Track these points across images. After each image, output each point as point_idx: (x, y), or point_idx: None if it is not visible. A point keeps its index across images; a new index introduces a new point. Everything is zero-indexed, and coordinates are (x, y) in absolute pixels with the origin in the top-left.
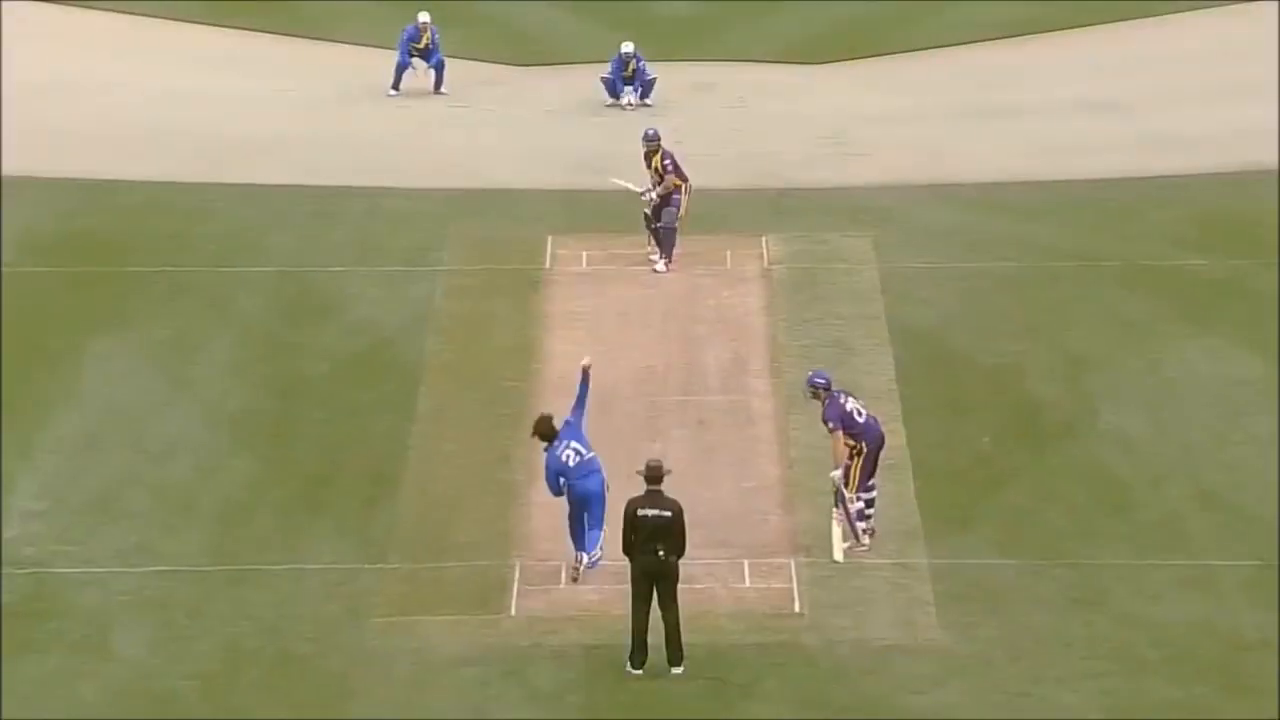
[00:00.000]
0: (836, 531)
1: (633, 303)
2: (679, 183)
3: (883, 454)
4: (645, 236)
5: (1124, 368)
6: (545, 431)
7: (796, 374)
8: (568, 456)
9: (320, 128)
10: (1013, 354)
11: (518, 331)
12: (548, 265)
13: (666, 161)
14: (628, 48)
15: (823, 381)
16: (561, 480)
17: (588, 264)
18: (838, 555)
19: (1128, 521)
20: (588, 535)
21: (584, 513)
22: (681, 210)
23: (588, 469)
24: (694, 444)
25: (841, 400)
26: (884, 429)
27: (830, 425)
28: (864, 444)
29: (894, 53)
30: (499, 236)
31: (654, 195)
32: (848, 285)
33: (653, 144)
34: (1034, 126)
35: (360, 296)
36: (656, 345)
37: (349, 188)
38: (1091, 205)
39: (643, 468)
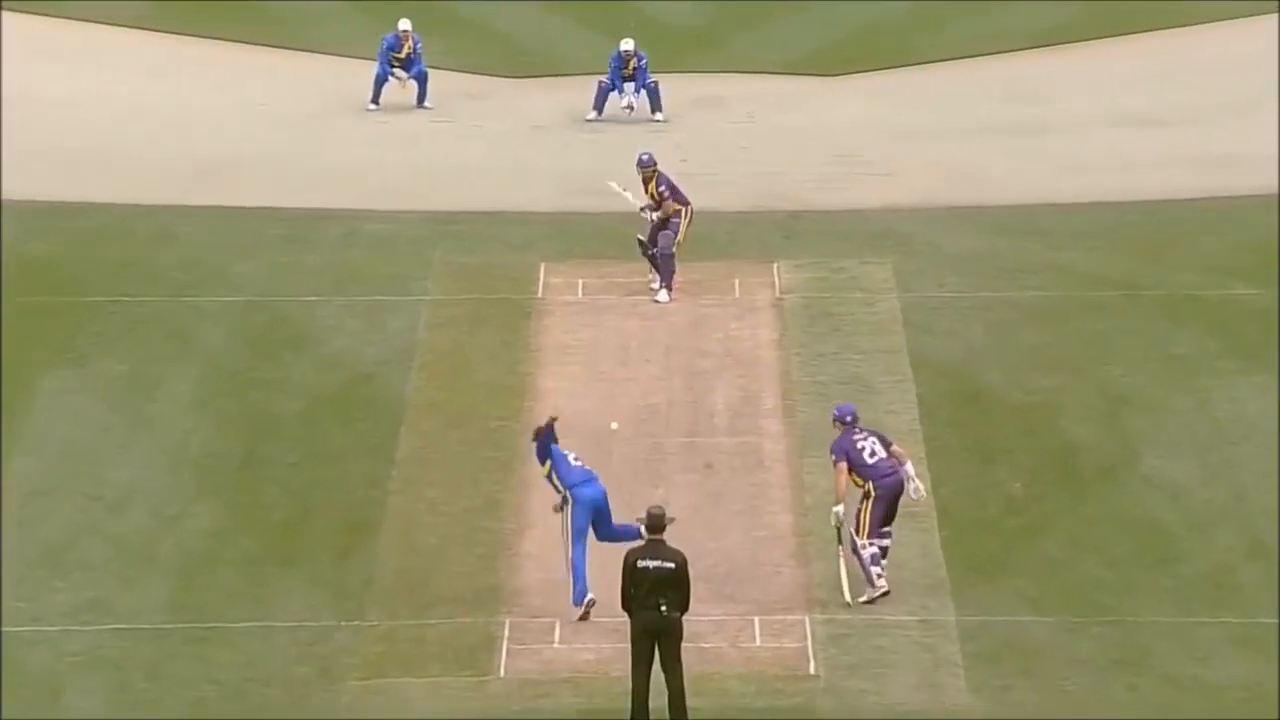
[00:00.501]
0: (844, 572)
1: (632, 335)
2: (679, 206)
3: (902, 501)
4: (646, 264)
5: (1168, 407)
6: (554, 433)
7: (811, 413)
8: (570, 454)
9: (292, 145)
10: (1046, 391)
11: (507, 367)
12: (540, 294)
13: (662, 188)
14: (627, 45)
15: (836, 415)
16: (556, 473)
17: (583, 293)
18: (848, 597)
19: (1173, 574)
20: (620, 532)
21: (592, 525)
22: (680, 235)
23: (589, 476)
24: (699, 489)
25: (854, 435)
26: (905, 474)
27: (833, 457)
28: (871, 486)
29: (915, 64)
30: (487, 263)
31: (652, 217)
32: (866, 316)
33: (648, 169)
34: (1067, 143)
35: (336, 328)
36: (658, 381)
37: (323, 210)
38: (1131, 229)
39: (643, 515)
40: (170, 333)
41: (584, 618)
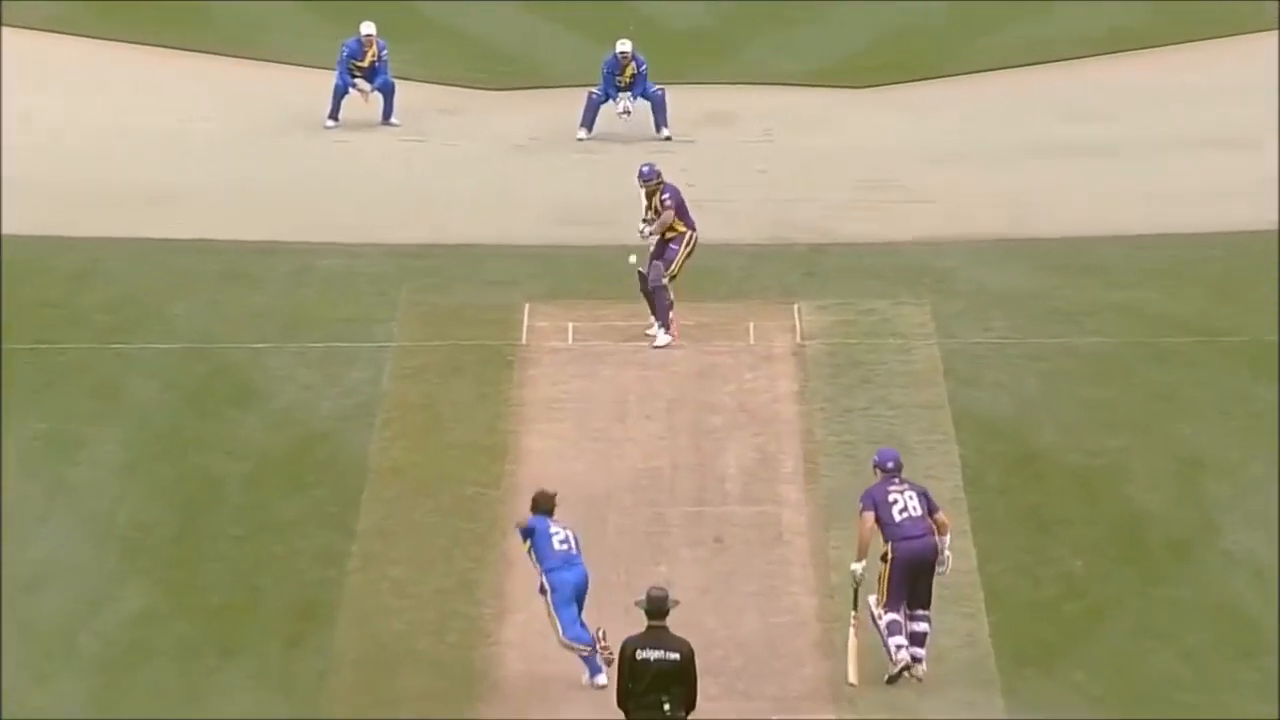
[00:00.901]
0: (852, 644)
1: (631, 387)
2: (681, 229)
3: (936, 578)
4: (647, 305)
5: (1250, 472)
6: (547, 506)
7: (837, 478)
8: (557, 535)
9: (237, 168)
10: (1110, 453)
11: (485, 425)
12: (523, 340)
13: (665, 196)
14: (624, 46)
15: (876, 460)
16: (535, 551)
17: (574, 338)
18: (852, 676)
19: (1258, 667)
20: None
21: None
22: (675, 266)
23: (570, 559)
24: (708, 567)
25: (890, 486)
26: (937, 545)
27: (860, 505)
28: (890, 547)
29: (958, 74)
30: (462, 304)
31: (647, 232)
32: (901, 366)
33: (650, 183)
34: (1134, 166)
35: (287, 380)
36: (661, 442)
37: (273, 243)
38: (1208, 265)
39: (643, 598)
40: (95, 385)
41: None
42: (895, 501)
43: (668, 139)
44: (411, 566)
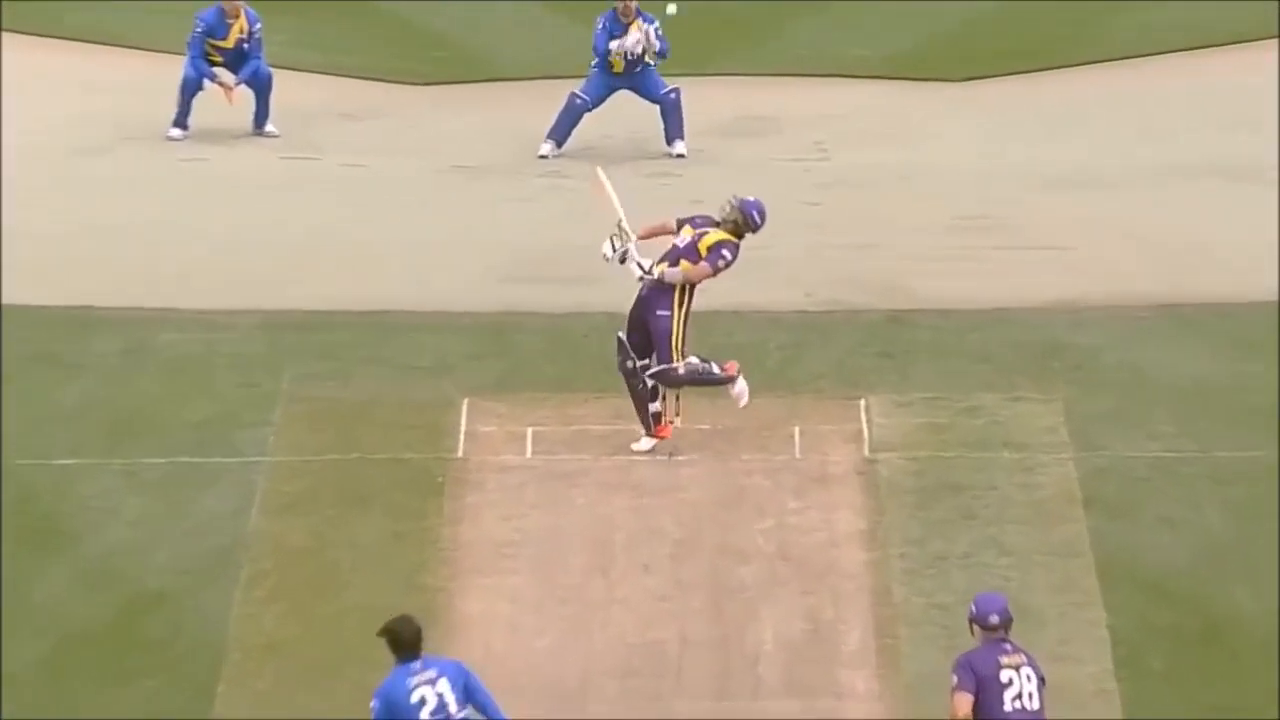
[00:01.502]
0: None
1: (619, 523)
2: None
3: None
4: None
5: None
6: (406, 637)
7: (925, 658)
8: (421, 695)
9: (39, 201)
10: None
11: (403, 578)
12: (460, 453)
13: (725, 254)
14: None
15: (974, 613)
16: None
17: (534, 450)
18: None
19: None
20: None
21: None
22: (677, 338)
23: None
24: None
25: (1001, 655)
26: None
27: (954, 678)
28: None
29: (1087, 62)
30: (370, 398)
31: (639, 267)
32: (1019, 493)
33: (744, 223)
34: None
35: (109, 513)
36: (664, 604)
37: (92, 310)
38: None
39: None
40: None
41: None
42: (1010, 683)
43: (680, 157)
44: None
